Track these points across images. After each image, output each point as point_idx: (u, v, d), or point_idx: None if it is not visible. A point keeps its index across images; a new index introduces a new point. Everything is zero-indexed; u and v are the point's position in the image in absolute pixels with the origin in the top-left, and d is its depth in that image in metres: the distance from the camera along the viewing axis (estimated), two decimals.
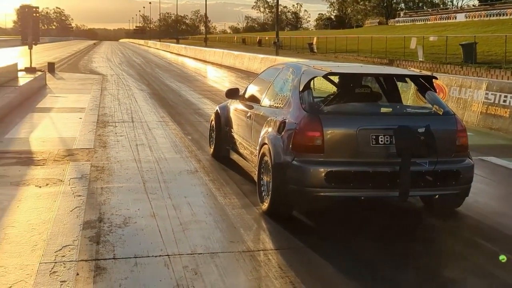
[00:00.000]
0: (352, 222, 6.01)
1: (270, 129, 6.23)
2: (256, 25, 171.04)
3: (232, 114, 8.24)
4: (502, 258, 4.99)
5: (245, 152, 7.40)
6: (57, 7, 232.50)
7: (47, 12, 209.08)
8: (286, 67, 7.13)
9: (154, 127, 11.88)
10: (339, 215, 6.21)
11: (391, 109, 6.64)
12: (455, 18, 66.18)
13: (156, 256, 4.83)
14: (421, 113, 6.33)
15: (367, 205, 6.21)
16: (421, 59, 32.07)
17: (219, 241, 5.28)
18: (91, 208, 6.12)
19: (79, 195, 6.57)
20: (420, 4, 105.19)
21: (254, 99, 7.48)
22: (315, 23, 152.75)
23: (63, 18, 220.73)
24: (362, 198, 5.74)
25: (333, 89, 7.45)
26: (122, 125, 11.99)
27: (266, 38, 70.48)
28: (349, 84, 6.77)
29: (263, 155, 6.19)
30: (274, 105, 6.62)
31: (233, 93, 8.27)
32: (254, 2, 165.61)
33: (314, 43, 51.53)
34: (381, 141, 5.60)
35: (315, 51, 49.62)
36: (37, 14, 23.84)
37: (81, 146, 9.49)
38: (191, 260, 4.77)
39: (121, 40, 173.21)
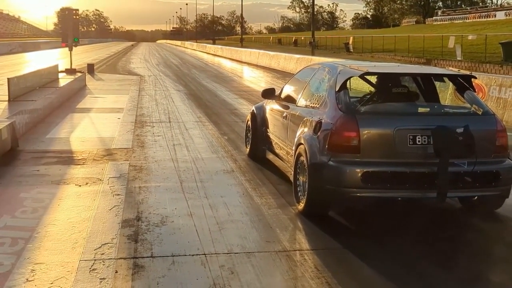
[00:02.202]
0: (389, 222, 5.96)
1: (306, 129, 6.23)
2: (292, 25, 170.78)
3: (268, 114, 8.26)
4: None
5: (281, 152, 7.41)
6: (96, 9, 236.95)
7: (86, 15, 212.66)
8: (322, 67, 7.11)
9: (191, 127, 11.99)
10: (376, 215, 6.17)
11: (428, 109, 6.55)
12: (495, 16, 64.96)
13: (193, 255, 4.89)
14: (460, 113, 6.22)
15: (404, 206, 6.15)
16: (460, 58, 31.54)
17: (255, 241, 5.31)
18: (130, 207, 6.22)
19: (118, 194, 6.68)
20: (459, 2, 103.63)
21: (290, 99, 7.48)
22: (351, 22, 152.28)
23: (102, 20, 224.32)
24: (399, 199, 5.69)
25: (370, 89, 7.40)
26: (160, 125, 12.14)
27: (302, 38, 70.32)
28: (386, 84, 6.70)
29: (299, 155, 6.19)
30: (310, 105, 6.61)
31: (269, 93, 8.30)
32: (290, 2, 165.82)
33: (350, 42, 51.21)
34: (419, 141, 5.54)
35: (351, 51, 49.30)
36: (77, 17, 24.36)
37: (119, 146, 9.65)
38: (227, 260, 4.81)
39: (158, 41, 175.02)
